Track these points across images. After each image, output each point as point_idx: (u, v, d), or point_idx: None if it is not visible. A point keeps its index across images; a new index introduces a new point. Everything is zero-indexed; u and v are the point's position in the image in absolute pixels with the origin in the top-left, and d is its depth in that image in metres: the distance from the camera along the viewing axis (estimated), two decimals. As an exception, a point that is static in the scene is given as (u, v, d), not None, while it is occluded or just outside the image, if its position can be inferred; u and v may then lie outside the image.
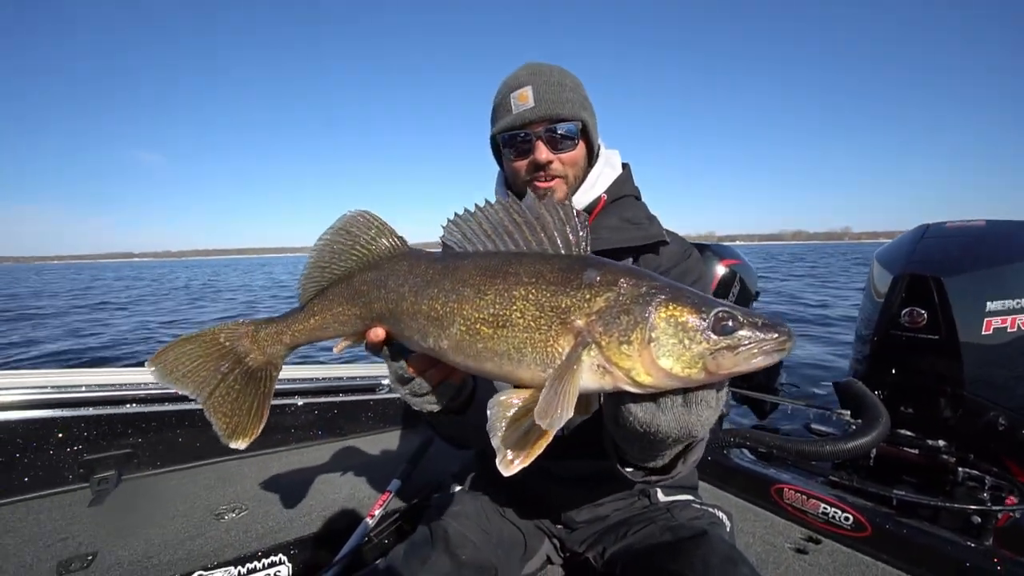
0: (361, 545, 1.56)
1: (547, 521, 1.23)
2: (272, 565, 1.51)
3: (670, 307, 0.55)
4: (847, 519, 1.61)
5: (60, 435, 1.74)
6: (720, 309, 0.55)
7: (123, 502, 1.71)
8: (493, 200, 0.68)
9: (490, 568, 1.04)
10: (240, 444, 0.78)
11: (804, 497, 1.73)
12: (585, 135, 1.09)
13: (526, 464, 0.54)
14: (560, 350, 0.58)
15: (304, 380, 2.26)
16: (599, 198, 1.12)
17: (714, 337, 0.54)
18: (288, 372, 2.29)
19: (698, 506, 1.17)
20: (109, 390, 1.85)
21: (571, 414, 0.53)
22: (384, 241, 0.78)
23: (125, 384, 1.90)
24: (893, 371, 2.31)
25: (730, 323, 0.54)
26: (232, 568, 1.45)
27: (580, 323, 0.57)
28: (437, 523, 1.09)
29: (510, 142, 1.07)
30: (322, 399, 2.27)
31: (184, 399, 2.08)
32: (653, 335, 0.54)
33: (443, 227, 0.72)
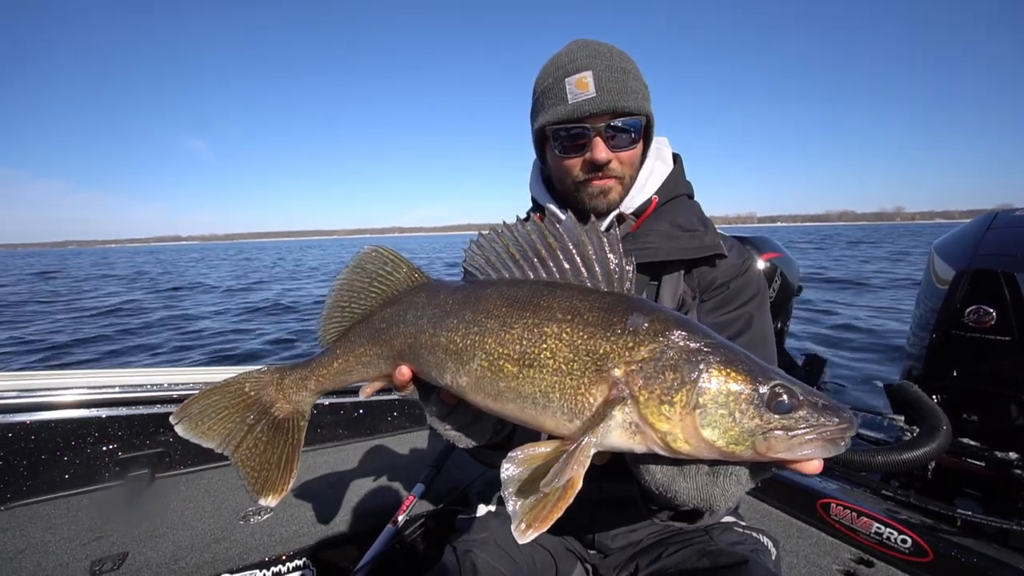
0: (385, 551, 1.54)
1: (579, 544, 1.16)
2: (296, 569, 1.51)
3: (725, 371, 0.49)
4: (904, 541, 1.46)
5: (96, 434, 1.79)
6: (778, 383, 0.48)
7: (155, 502, 1.75)
8: (523, 213, 0.60)
9: None
10: (270, 501, 0.74)
11: (854, 514, 1.59)
12: (647, 130, 0.96)
13: (543, 531, 0.47)
14: (592, 400, 0.51)
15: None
16: (650, 199, 0.99)
17: (768, 414, 0.48)
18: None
19: (740, 530, 1.07)
20: (142, 390, 1.89)
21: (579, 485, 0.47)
22: (401, 274, 0.74)
23: (157, 384, 1.94)
24: (954, 374, 2.12)
25: (787, 399, 0.48)
26: (257, 571, 1.46)
27: (618, 373, 0.50)
28: (464, 553, 1.02)
29: (562, 136, 0.92)
30: (348, 399, 2.27)
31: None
32: (700, 400, 0.48)
33: (464, 251, 0.64)
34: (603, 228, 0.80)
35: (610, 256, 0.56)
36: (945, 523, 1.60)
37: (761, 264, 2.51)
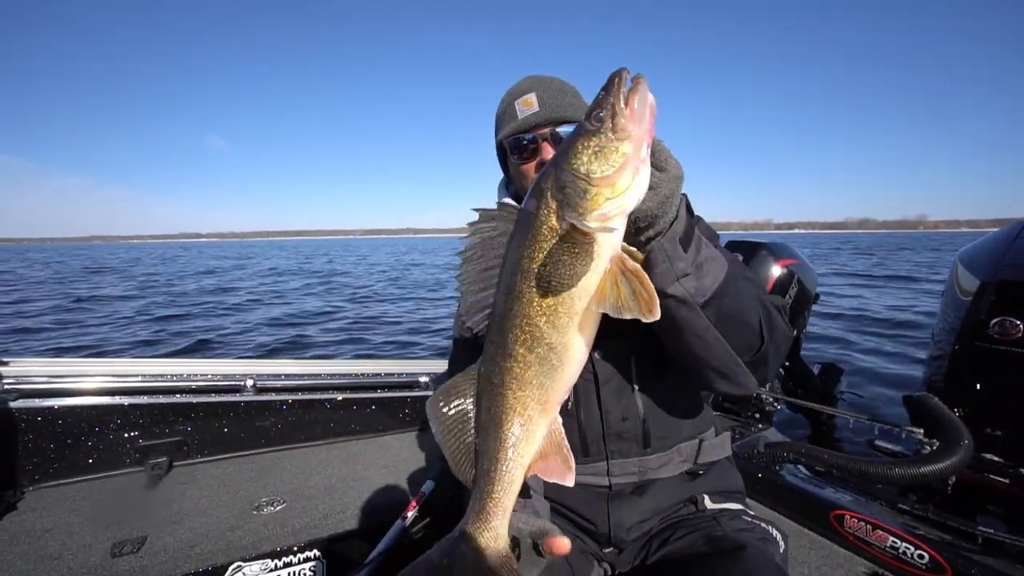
0: (394, 546, 1.56)
1: (595, 545, 1.16)
2: (307, 560, 1.53)
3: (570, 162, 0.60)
4: (921, 557, 1.43)
5: (119, 421, 1.85)
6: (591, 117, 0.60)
7: (173, 488, 1.79)
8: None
9: None
10: None
11: (869, 527, 1.56)
12: None
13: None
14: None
15: (344, 375, 2.29)
16: None
17: (607, 133, 0.58)
18: (328, 367, 2.34)
19: (748, 519, 1.07)
20: (163, 380, 1.94)
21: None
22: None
23: (177, 375, 2.00)
24: (977, 387, 2.06)
25: (599, 113, 0.59)
26: (269, 561, 1.49)
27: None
28: None
29: (517, 146, 1.10)
30: (361, 395, 2.30)
31: (231, 390, 2.14)
32: (564, 189, 0.60)
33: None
34: None
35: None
36: (965, 540, 1.56)
37: (777, 270, 2.47)
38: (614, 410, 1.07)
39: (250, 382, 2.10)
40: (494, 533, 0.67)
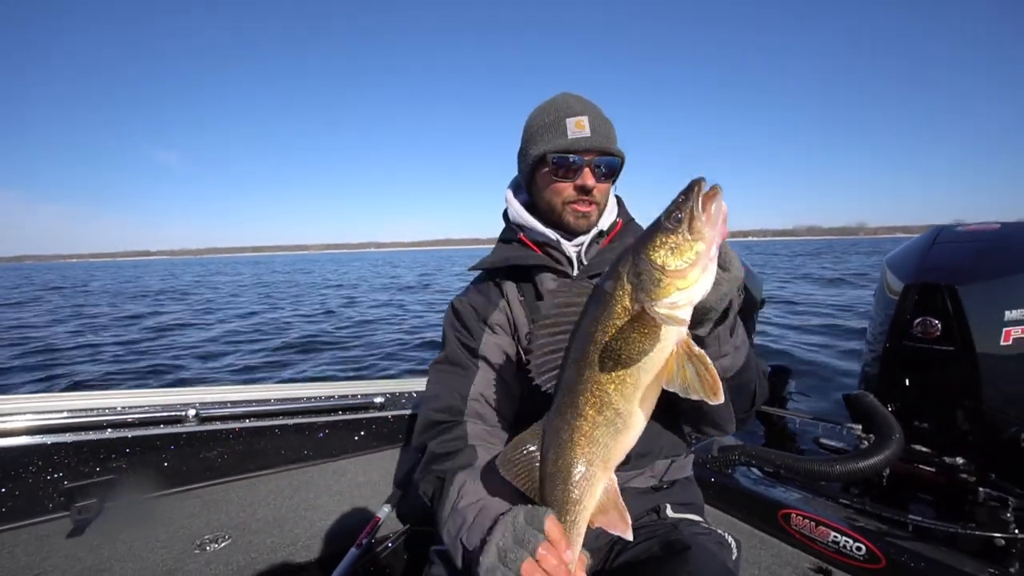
0: (348, 574, 1.50)
1: None
2: (253, 599, 1.45)
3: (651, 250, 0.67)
4: (859, 549, 1.51)
5: (40, 463, 1.70)
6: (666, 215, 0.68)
7: (103, 532, 1.66)
8: None
9: None
10: None
11: (812, 524, 1.63)
12: (620, 169, 1.21)
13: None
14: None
15: (295, 399, 2.20)
16: (616, 221, 1.25)
17: (684, 232, 0.65)
18: (278, 391, 2.24)
19: (705, 526, 1.15)
20: (91, 415, 1.80)
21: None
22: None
23: (108, 408, 1.86)
24: (906, 383, 2.21)
25: (677, 215, 0.65)
26: None
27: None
28: None
29: (562, 164, 1.12)
30: (312, 419, 2.21)
31: (171, 421, 2.01)
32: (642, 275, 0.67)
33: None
34: (587, 242, 1.18)
35: None
36: (898, 529, 1.66)
37: (724, 278, 2.58)
38: None
39: (192, 411, 1.98)
40: None
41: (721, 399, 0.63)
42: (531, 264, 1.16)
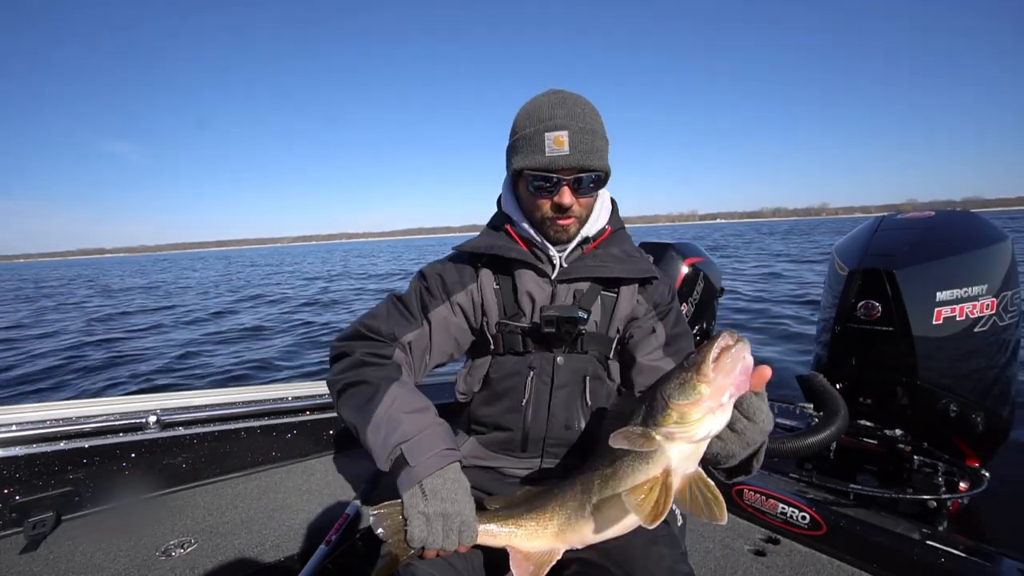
0: (317, 571, 1.51)
1: None
2: (221, 603, 1.45)
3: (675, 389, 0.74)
4: (804, 518, 1.62)
5: (-10, 478, 1.64)
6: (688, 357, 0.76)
7: (60, 546, 1.62)
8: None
9: None
10: None
11: (763, 497, 1.74)
12: (604, 179, 1.16)
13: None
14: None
15: (261, 401, 2.18)
16: (604, 228, 1.22)
17: (693, 373, 0.72)
18: (244, 394, 2.21)
19: None
20: (43, 427, 1.75)
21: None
22: None
23: (63, 419, 1.81)
24: (853, 363, 2.35)
25: (694, 357, 0.73)
26: None
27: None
28: (404, 567, 1.06)
29: (536, 181, 1.09)
30: (281, 420, 2.20)
31: (131, 429, 1.97)
32: (669, 423, 0.74)
33: None
34: (569, 251, 1.17)
35: None
36: (840, 497, 1.78)
37: (685, 268, 2.68)
38: (560, 417, 1.14)
39: (153, 418, 1.95)
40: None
41: (724, 520, 0.74)
42: (513, 257, 1.16)
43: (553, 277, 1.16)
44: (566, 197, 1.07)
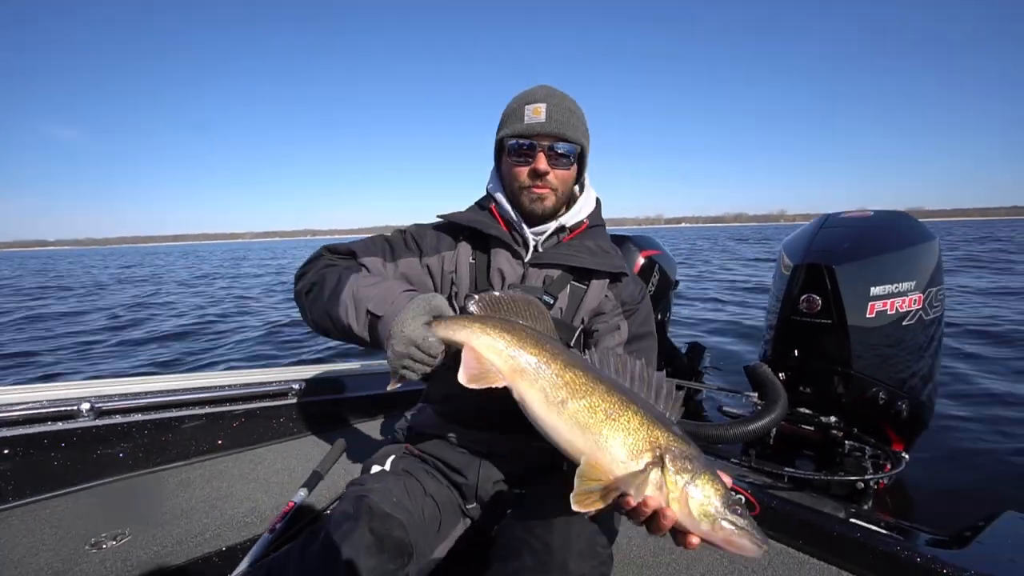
0: (258, 562, 1.48)
1: (461, 499, 1.26)
2: (154, 595, 1.40)
3: (711, 481, 0.76)
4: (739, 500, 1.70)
5: None
6: (740, 498, 0.77)
7: None
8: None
9: (408, 546, 1.04)
10: None
11: (704, 480, 1.81)
12: (580, 159, 1.24)
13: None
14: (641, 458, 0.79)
15: (204, 389, 2.11)
16: (582, 222, 1.30)
17: (728, 512, 0.73)
18: (188, 381, 2.13)
19: None
20: None
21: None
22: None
23: (-17, 406, 1.69)
24: (796, 353, 2.47)
25: (740, 511, 0.74)
26: None
27: (660, 452, 0.79)
28: (359, 499, 1.08)
29: (516, 148, 1.18)
30: (226, 407, 2.13)
31: (61, 417, 1.86)
32: (692, 492, 0.75)
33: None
34: (545, 236, 1.24)
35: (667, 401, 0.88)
36: (777, 480, 1.88)
37: (641, 260, 2.74)
38: None
39: (86, 405, 1.85)
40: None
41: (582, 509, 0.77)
42: (491, 234, 1.22)
43: (527, 260, 1.23)
44: (541, 163, 1.16)
